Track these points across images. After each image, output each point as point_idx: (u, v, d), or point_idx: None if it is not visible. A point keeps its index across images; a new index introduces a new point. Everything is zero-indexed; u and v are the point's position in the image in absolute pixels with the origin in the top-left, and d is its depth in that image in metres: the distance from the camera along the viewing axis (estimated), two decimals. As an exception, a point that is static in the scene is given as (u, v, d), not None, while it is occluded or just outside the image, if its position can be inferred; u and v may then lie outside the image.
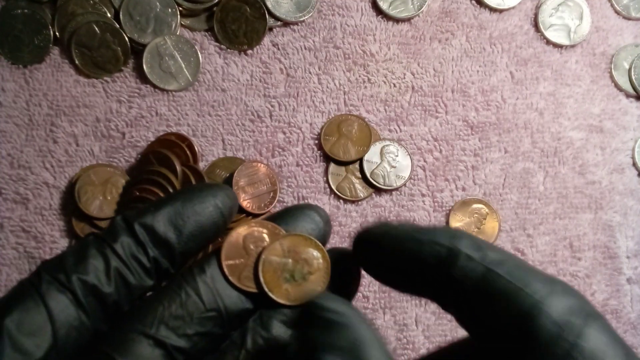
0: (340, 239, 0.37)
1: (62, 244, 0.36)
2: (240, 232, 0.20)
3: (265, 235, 0.20)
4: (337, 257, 0.21)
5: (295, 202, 0.37)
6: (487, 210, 0.38)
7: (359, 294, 0.37)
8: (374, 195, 0.38)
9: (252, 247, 0.20)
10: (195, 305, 0.18)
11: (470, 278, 0.17)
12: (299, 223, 0.21)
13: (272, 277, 0.19)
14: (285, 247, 0.20)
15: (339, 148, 0.38)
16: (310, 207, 0.21)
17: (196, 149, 0.37)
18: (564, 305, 0.16)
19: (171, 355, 0.18)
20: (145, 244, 0.19)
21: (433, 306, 0.37)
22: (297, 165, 0.38)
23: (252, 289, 0.19)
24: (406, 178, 0.38)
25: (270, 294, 0.19)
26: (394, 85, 0.39)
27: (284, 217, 0.21)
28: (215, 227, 0.20)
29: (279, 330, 0.19)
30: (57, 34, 0.37)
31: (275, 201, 0.37)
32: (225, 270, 0.19)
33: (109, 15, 0.38)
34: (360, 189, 0.38)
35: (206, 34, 0.39)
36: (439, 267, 0.17)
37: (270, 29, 0.39)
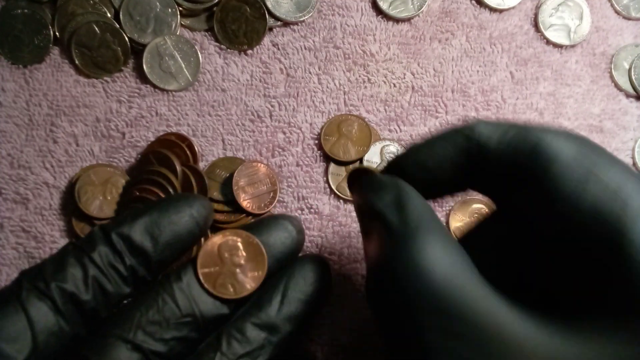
0: (341, 239, 0.37)
1: (62, 243, 0.36)
2: (215, 241, 0.21)
3: (239, 244, 0.21)
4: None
5: (296, 202, 0.37)
6: (487, 210, 0.38)
7: (359, 294, 0.37)
8: (374, 195, 0.38)
9: (226, 255, 0.21)
10: (171, 311, 0.19)
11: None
12: (273, 232, 0.22)
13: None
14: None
15: (339, 148, 0.38)
16: (284, 217, 0.22)
17: (196, 149, 0.37)
18: None
19: (148, 359, 0.18)
20: (122, 253, 0.20)
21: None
22: (297, 165, 0.38)
23: (227, 295, 0.20)
24: (406, 178, 0.38)
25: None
26: (394, 85, 0.39)
27: (258, 227, 0.22)
28: (191, 236, 0.21)
29: (253, 332, 0.20)
30: (57, 34, 0.37)
31: (275, 201, 0.37)
32: (201, 277, 0.20)
33: (109, 15, 0.38)
34: (360, 189, 0.38)
35: (206, 34, 0.39)
36: (480, 161, 0.20)
37: (270, 29, 0.39)
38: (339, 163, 0.38)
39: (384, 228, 0.19)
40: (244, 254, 0.21)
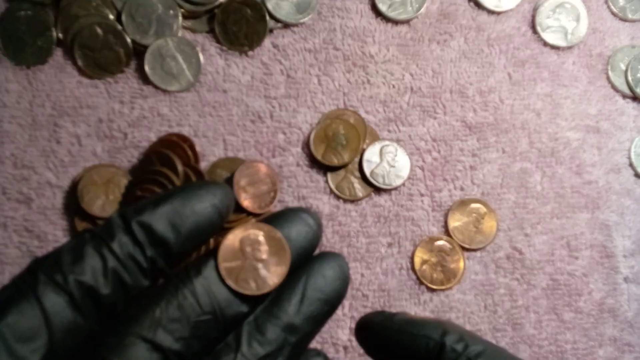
0: (340, 239, 0.38)
1: (65, 243, 0.36)
2: (237, 234, 0.20)
3: (261, 238, 0.20)
4: None
5: (296, 202, 0.38)
6: (485, 209, 0.39)
7: (359, 293, 0.37)
8: (373, 195, 0.38)
9: (248, 249, 0.20)
10: (192, 308, 0.18)
11: None
12: (293, 225, 0.21)
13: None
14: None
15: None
16: (303, 210, 0.21)
17: (197, 149, 0.37)
18: None
19: (168, 359, 0.18)
20: (143, 244, 0.18)
21: (432, 305, 0.37)
22: (297, 165, 0.38)
23: (250, 291, 0.19)
24: (405, 177, 0.38)
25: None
26: (393, 86, 0.40)
27: (278, 220, 0.21)
28: (212, 226, 0.20)
29: (273, 333, 0.19)
30: (60, 35, 0.38)
31: (276, 201, 0.37)
32: (223, 272, 0.19)
33: (111, 17, 0.38)
34: (359, 189, 0.38)
35: (207, 35, 0.39)
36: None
37: (271, 31, 0.40)
38: (335, 169, 0.38)
39: None
40: (267, 248, 0.20)
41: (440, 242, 0.38)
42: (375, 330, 0.22)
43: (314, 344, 0.36)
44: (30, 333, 0.16)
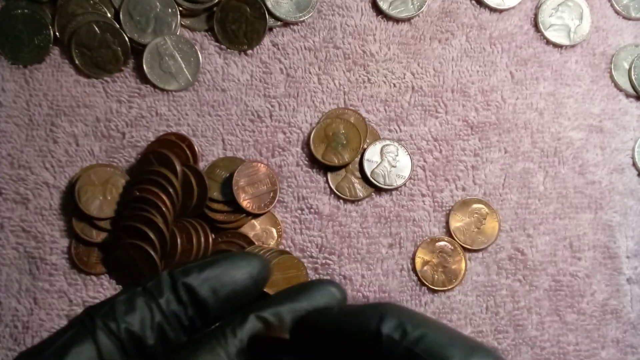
0: (341, 239, 0.37)
1: (62, 243, 0.36)
2: None
3: None
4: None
5: (296, 202, 0.37)
6: (487, 210, 0.38)
7: (359, 294, 0.37)
8: (373, 195, 0.38)
9: None
10: None
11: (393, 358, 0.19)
12: (322, 299, 0.22)
13: None
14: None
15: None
16: (331, 283, 0.22)
17: (196, 149, 0.37)
18: None
19: None
20: (186, 304, 0.21)
21: (433, 306, 0.37)
22: (297, 165, 0.38)
23: None
24: (406, 177, 0.38)
25: None
26: (394, 85, 0.39)
27: (306, 292, 0.22)
28: (248, 294, 0.22)
29: None
30: (57, 34, 0.37)
31: (275, 201, 0.37)
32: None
33: (109, 15, 0.38)
34: (360, 189, 0.38)
35: (206, 34, 0.39)
36: (366, 353, 0.20)
37: (270, 29, 0.39)
38: (335, 169, 0.38)
39: None
40: None
41: (441, 243, 0.38)
42: (309, 332, 0.22)
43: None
44: None
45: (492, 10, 0.41)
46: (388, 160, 0.38)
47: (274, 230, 0.37)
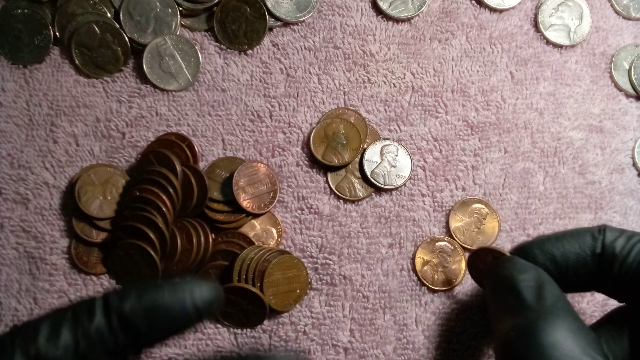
0: (341, 240, 0.37)
1: (62, 243, 0.36)
2: None
3: None
4: None
5: (296, 202, 0.37)
6: (487, 210, 0.38)
7: (359, 294, 0.37)
8: (373, 195, 0.38)
9: None
10: None
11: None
12: None
13: None
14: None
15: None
16: (294, 356, 0.23)
17: (196, 149, 0.37)
18: None
19: None
20: (117, 331, 0.20)
21: (433, 306, 0.37)
22: (297, 165, 0.38)
23: None
24: (406, 177, 0.38)
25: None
26: (394, 85, 0.39)
27: None
28: (187, 323, 0.21)
29: None
30: (57, 34, 0.37)
31: (275, 201, 0.37)
32: None
33: (109, 15, 0.38)
34: (360, 189, 0.38)
35: (206, 34, 0.39)
36: (601, 271, 0.23)
37: (270, 29, 0.39)
38: (335, 169, 0.38)
39: (519, 305, 0.23)
40: None
41: (441, 243, 0.38)
42: (528, 250, 0.25)
43: (313, 346, 0.36)
44: None
45: (492, 10, 0.41)
46: (388, 160, 0.38)
47: (274, 231, 0.37)
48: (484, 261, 0.32)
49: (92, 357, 0.19)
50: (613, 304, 0.39)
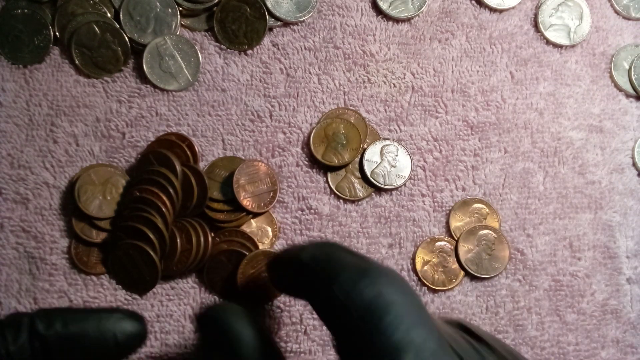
0: (341, 239, 0.37)
1: (62, 243, 0.36)
2: None
3: None
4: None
5: (296, 202, 0.37)
6: (487, 210, 0.38)
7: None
8: (373, 195, 0.38)
9: None
10: None
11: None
12: None
13: None
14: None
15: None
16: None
17: (196, 148, 0.37)
18: None
19: None
20: (37, 356, 0.20)
21: (433, 306, 0.37)
22: (297, 165, 0.38)
23: None
24: (406, 177, 0.38)
25: None
26: (394, 85, 0.39)
27: None
28: (106, 355, 0.22)
29: None
30: (57, 34, 0.37)
31: (275, 201, 0.37)
32: None
33: (109, 15, 0.38)
34: (360, 189, 0.38)
35: (206, 34, 0.39)
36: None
37: (270, 29, 0.39)
38: (335, 169, 0.38)
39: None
40: None
41: (441, 243, 0.38)
42: (281, 265, 0.25)
43: (314, 346, 0.36)
44: None
45: (492, 10, 0.41)
46: (388, 160, 0.38)
47: (269, 229, 0.37)
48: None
49: None
50: (613, 304, 0.39)
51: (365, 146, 0.38)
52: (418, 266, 0.37)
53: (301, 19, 0.39)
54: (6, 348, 0.20)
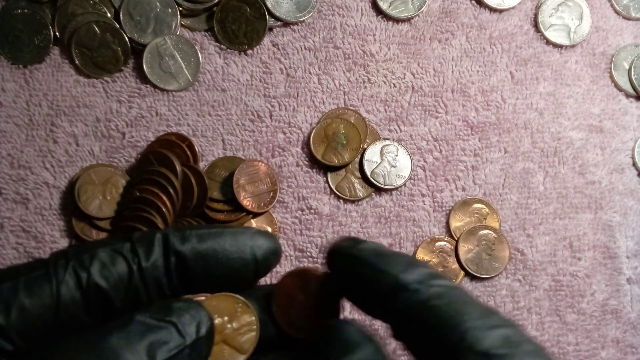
0: (340, 239, 0.37)
1: (62, 243, 0.36)
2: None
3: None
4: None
5: (296, 202, 0.37)
6: (487, 210, 0.38)
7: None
8: (373, 195, 0.38)
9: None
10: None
11: (412, 309, 0.18)
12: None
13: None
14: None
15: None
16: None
17: (196, 148, 0.37)
18: (495, 337, 0.16)
19: None
20: (172, 274, 0.19)
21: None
22: (297, 165, 0.38)
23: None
24: (406, 177, 0.38)
25: None
26: (394, 85, 0.39)
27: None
28: (244, 278, 0.20)
29: None
30: (57, 34, 0.37)
31: (275, 201, 0.37)
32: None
33: (109, 15, 0.38)
34: (360, 189, 0.38)
35: (206, 34, 0.39)
36: (387, 297, 0.18)
37: (270, 29, 0.39)
38: (335, 169, 0.38)
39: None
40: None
41: (441, 243, 0.38)
42: (341, 258, 0.21)
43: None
44: (40, 311, 0.17)
45: (492, 10, 0.41)
46: (388, 160, 0.38)
47: (269, 229, 0.37)
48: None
49: (143, 293, 0.19)
50: (613, 304, 0.39)
51: (365, 146, 0.38)
52: (418, 266, 0.37)
53: (301, 19, 0.39)
54: (138, 264, 0.18)
